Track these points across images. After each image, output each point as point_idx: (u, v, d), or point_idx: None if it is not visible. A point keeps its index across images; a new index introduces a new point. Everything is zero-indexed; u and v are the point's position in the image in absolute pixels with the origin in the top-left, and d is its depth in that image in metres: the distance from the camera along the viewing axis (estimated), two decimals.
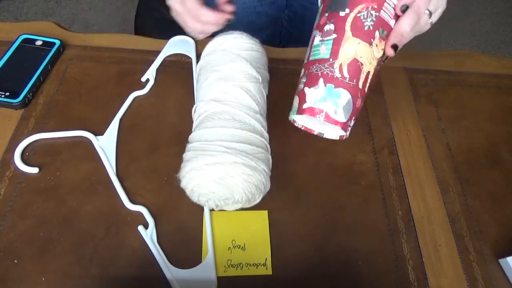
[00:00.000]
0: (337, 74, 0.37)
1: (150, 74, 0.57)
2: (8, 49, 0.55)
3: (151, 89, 0.56)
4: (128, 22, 1.67)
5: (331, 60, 0.38)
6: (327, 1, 0.40)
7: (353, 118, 0.39)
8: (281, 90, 0.50)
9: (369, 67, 0.38)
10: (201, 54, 0.51)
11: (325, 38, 0.39)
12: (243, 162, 0.40)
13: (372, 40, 0.38)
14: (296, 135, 0.52)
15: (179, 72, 0.58)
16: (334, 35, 0.38)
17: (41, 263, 0.40)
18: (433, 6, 0.39)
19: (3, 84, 0.51)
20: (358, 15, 0.37)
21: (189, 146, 0.43)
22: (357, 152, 0.53)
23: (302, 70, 0.41)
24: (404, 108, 0.59)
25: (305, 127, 0.38)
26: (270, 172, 0.44)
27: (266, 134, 0.45)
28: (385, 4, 0.37)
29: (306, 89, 0.39)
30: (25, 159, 0.47)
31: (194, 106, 0.47)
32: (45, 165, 0.47)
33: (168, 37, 0.62)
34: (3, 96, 0.50)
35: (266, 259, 0.43)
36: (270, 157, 0.45)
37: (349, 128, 0.39)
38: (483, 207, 0.50)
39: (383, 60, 0.41)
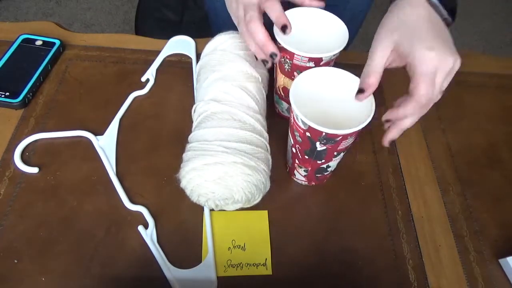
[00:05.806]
0: (278, 91, 0.52)
1: (150, 74, 0.57)
2: (8, 49, 0.55)
3: (151, 89, 0.56)
4: (128, 22, 1.67)
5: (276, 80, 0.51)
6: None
7: None
8: None
9: None
10: (201, 54, 0.51)
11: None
12: (243, 162, 0.40)
13: (293, 77, 0.47)
14: None
15: (179, 72, 0.58)
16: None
17: (41, 263, 0.40)
18: (446, 82, 0.41)
19: (3, 84, 0.51)
20: (281, 59, 0.46)
21: (188, 146, 0.43)
22: (357, 152, 0.53)
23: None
24: None
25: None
26: (270, 172, 0.44)
27: (266, 134, 0.45)
28: (295, 56, 0.44)
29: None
30: (25, 159, 0.47)
31: (194, 106, 0.47)
32: (45, 165, 0.47)
33: (168, 37, 0.62)
34: (3, 96, 0.50)
35: (266, 259, 0.43)
36: (270, 157, 0.44)
37: None
38: (483, 207, 0.50)
39: None
